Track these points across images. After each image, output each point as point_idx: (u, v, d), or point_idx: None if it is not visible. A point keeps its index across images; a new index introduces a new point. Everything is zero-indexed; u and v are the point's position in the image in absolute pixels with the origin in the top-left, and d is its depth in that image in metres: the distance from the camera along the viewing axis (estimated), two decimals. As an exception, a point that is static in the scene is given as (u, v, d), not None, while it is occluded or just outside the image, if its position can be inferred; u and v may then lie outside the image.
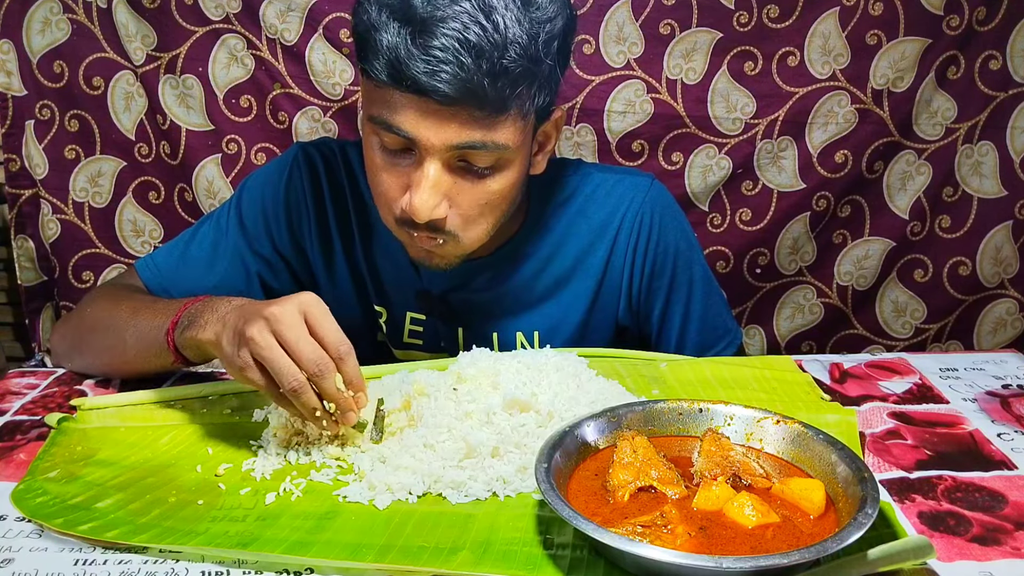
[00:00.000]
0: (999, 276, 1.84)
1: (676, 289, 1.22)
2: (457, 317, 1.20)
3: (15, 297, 1.89)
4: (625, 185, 1.20)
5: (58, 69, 1.72)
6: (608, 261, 1.19)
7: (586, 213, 1.19)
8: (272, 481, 0.85)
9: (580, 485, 0.78)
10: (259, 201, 1.21)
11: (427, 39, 0.89)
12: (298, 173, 1.20)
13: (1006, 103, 1.74)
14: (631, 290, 1.21)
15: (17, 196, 1.78)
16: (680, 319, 1.23)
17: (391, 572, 0.72)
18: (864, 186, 1.78)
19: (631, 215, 1.18)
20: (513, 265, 1.18)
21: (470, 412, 0.88)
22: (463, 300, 1.19)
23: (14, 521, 0.80)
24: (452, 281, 1.18)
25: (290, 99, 1.73)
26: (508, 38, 0.90)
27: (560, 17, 0.96)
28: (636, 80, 1.70)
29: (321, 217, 1.20)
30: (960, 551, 0.74)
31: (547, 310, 1.20)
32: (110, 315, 1.10)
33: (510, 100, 0.94)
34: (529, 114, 0.99)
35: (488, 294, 1.19)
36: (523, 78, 0.94)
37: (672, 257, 1.20)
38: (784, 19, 1.68)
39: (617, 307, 1.22)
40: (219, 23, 1.69)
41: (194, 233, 1.22)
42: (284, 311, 0.85)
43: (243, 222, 1.20)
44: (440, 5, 0.89)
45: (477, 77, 0.90)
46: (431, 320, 1.21)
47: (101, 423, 0.98)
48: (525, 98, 0.96)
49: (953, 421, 0.97)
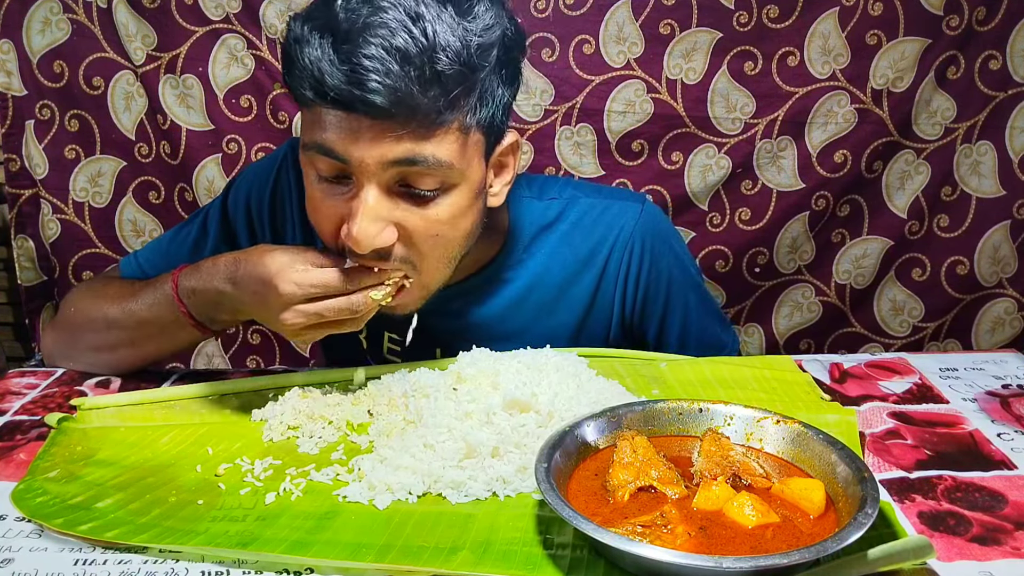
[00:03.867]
0: (997, 275, 1.84)
1: (670, 314, 1.19)
2: (434, 340, 1.15)
3: (15, 297, 1.89)
4: (613, 212, 1.16)
5: (58, 69, 1.72)
6: (596, 291, 1.16)
7: (571, 241, 1.15)
8: (272, 481, 0.85)
9: (580, 485, 0.78)
10: (244, 197, 1.19)
11: (352, 48, 0.83)
12: (285, 172, 1.17)
13: (1005, 103, 1.74)
14: (623, 315, 1.18)
15: (17, 196, 1.78)
16: (676, 339, 1.21)
17: (391, 572, 0.72)
18: (863, 186, 1.78)
19: (621, 244, 1.14)
20: (490, 292, 1.14)
21: (470, 412, 0.88)
22: (438, 325, 1.13)
23: (14, 521, 0.80)
24: (426, 306, 1.06)
25: (290, 99, 1.72)
26: (438, 43, 0.85)
27: (498, 27, 0.90)
28: (636, 80, 1.70)
29: (301, 220, 1.17)
30: (960, 551, 0.74)
31: (527, 340, 1.09)
32: (103, 308, 1.09)
33: (445, 110, 0.88)
34: (470, 129, 0.92)
35: (464, 320, 1.14)
36: (457, 85, 0.88)
37: (666, 284, 1.17)
38: (784, 19, 1.68)
39: (607, 332, 1.19)
40: (219, 23, 1.69)
41: (178, 231, 1.22)
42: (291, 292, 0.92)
43: (226, 217, 1.19)
44: (364, 15, 0.84)
45: (406, 84, 0.84)
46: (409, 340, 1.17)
47: (101, 423, 0.98)
48: (462, 109, 0.90)
49: (953, 421, 0.97)
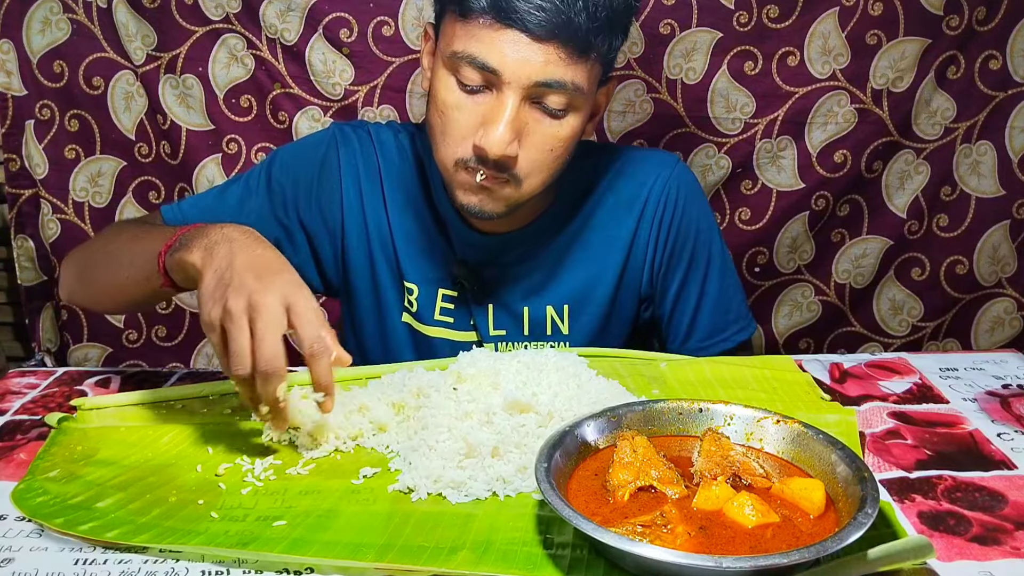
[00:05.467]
0: (996, 275, 1.84)
1: (694, 267, 1.23)
2: (488, 293, 1.22)
3: (15, 297, 1.89)
4: (652, 161, 1.24)
5: (58, 69, 1.72)
6: (635, 235, 1.22)
7: (614, 188, 1.22)
8: (272, 481, 0.85)
9: (580, 485, 0.78)
10: (291, 172, 1.22)
11: None
12: (334, 152, 1.22)
13: (1005, 103, 1.74)
14: (652, 266, 1.23)
15: (17, 196, 1.78)
16: (695, 298, 1.24)
17: (391, 572, 0.72)
18: (863, 185, 1.78)
19: (657, 190, 1.21)
20: (544, 239, 1.21)
21: (470, 412, 0.88)
22: (495, 274, 1.21)
23: (14, 521, 0.80)
24: (486, 254, 1.20)
25: (290, 99, 1.73)
26: None
27: None
28: (636, 80, 1.70)
29: (356, 196, 1.22)
30: (960, 551, 0.74)
31: (576, 284, 1.22)
32: (114, 244, 1.12)
33: (595, 42, 1.00)
34: (602, 63, 1.05)
35: (520, 268, 1.21)
36: (608, 22, 1.00)
37: (693, 235, 1.22)
38: (784, 19, 1.68)
39: (640, 282, 1.24)
40: (219, 23, 1.69)
41: (224, 189, 1.24)
42: (269, 304, 0.83)
43: (272, 188, 1.21)
44: None
45: (574, 12, 0.96)
46: (463, 296, 1.22)
47: (101, 423, 0.98)
48: (603, 44, 1.02)
49: (953, 421, 0.98)
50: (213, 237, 0.91)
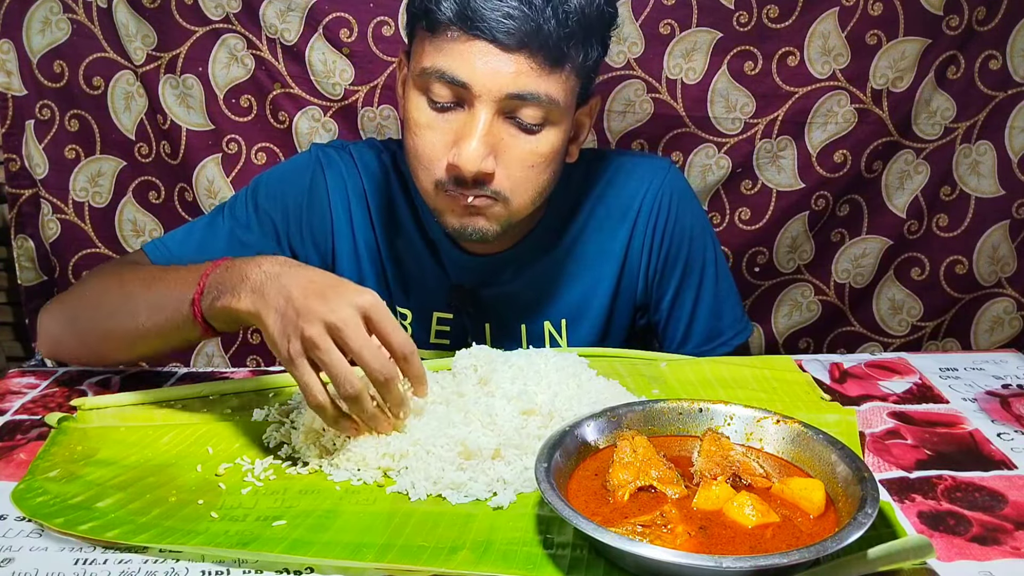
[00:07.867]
0: (996, 275, 1.84)
1: (689, 273, 1.23)
2: (485, 313, 1.21)
3: (15, 297, 1.89)
4: (644, 168, 1.22)
5: (58, 69, 1.72)
6: (628, 244, 1.21)
7: (605, 198, 1.21)
8: (272, 481, 0.85)
9: (580, 485, 0.78)
10: (279, 200, 1.20)
11: None
12: (320, 176, 1.20)
13: (1005, 103, 1.73)
14: (647, 274, 1.22)
15: (17, 196, 1.78)
16: (691, 304, 1.24)
17: (391, 572, 0.72)
18: (862, 185, 1.78)
19: (650, 197, 1.20)
20: (538, 255, 1.20)
21: (470, 412, 0.88)
22: (491, 295, 1.20)
23: (14, 521, 0.80)
24: (480, 276, 1.18)
25: (290, 99, 1.73)
26: None
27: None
28: (636, 80, 1.70)
29: (345, 220, 1.20)
30: (960, 551, 0.74)
31: (573, 298, 1.21)
32: (117, 291, 1.05)
33: (568, 51, 0.98)
34: (576, 75, 1.03)
35: (515, 286, 1.20)
36: (583, 30, 0.98)
37: (687, 242, 1.21)
38: (784, 19, 1.68)
39: (635, 291, 1.23)
40: (219, 23, 1.69)
41: (210, 222, 1.21)
42: (346, 318, 0.82)
43: (260, 217, 1.19)
44: None
45: (543, 19, 0.94)
46: (458, 318, 1.21)
47: (101, 423, 0.98)
48: (578, 54, 1.00)
49: (953, 421, 0.98)
50: (254, 278, 0.87)
